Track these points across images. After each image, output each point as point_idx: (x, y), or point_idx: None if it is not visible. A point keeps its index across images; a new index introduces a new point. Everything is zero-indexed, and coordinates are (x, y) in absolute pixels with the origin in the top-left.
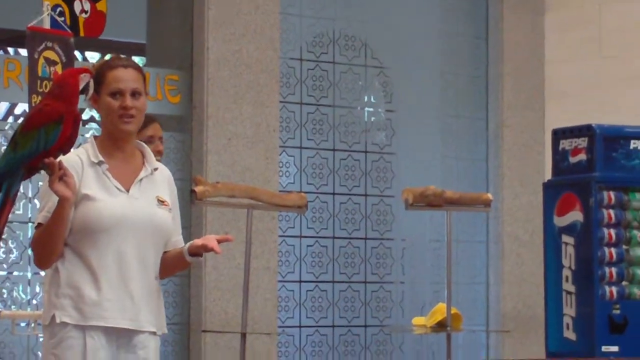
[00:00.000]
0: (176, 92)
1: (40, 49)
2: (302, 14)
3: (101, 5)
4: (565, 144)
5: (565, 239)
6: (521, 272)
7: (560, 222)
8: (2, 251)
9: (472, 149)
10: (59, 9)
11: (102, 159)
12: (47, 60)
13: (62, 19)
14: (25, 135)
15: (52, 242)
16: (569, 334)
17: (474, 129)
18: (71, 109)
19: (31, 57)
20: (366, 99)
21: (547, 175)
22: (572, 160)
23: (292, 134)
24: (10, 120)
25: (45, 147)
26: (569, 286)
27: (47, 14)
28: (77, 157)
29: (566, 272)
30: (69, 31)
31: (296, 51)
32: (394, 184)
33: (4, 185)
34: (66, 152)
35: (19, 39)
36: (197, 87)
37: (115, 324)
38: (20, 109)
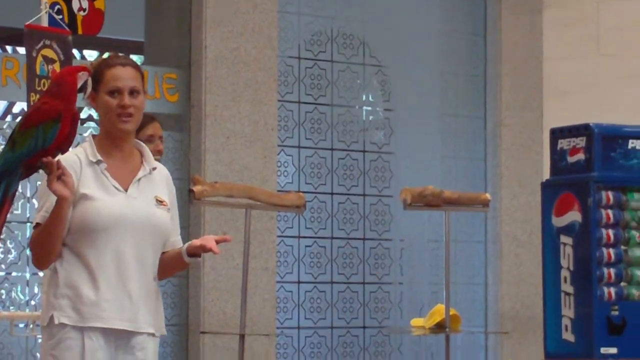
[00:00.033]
0: (174, 91)
1: (38, 47)
2: (300, 12)
3: (99, 3)
4: (563, 144)
5: (563, 239)
6: (519, 272)
7: (558, 222)
8: (0, 251)
9: (471, 149)
10: (57, 6)
11: (100, 158)
12: (45, 58)
13: (60, 16)
14: (23, 133)
15: (50, 242)
16: (568, 336)
17: (472, 128)
18: (69, 107)
19: (29, 55)
20: (364, 97)
21: (546, 175)
22: (570, 159)
23: (290, 133)
24: (8, 118)
25: (43, 146)
26: (567, 287)
27: (45, 12)
28: (75, 157)
29: (564, 273)
30: (67, 29)
31: (294, 49)
32: (393, 184)
33: (3, 184)
34: (65, 150)
35: (17, 37)
36: (195, 85)
37: (113, 325)
38: (18, 107)
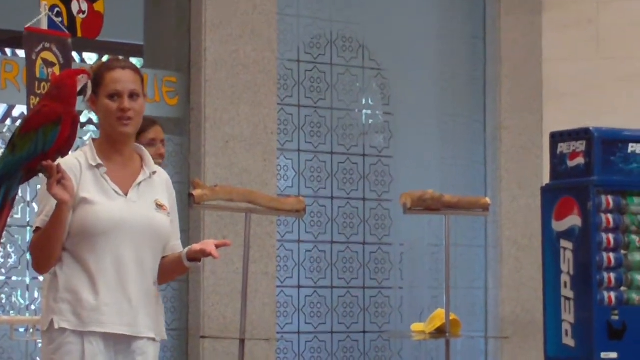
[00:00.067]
0: (174, 94)
1: (37, 50)
2: (299, 15)
3: (99, 6)
4: (563, 148)
5: (563, 243)
6: (520, 276)
7: (558, 226)
8: (0, 256)
9: (470, 152)
10: (57, 9)
11: (100, 162)
12: (44, 61)
13: (60, 19)
14: (23, 137)
15: (50, 246)
16: (568, 340)
17: (471, 131)
18: (69, 110)
19: (29, 58)
20: (364, 101)
21: (546, 177)
22: (570, 163)
23: (290, 136)
24: (8, 122)
25: (43, 149)
26: (567, 292)
27: (45, 15)
28: (75, 160)
29: (565, 278)
30: (67, 32)
31: (294, 52)
32: (392, 188)
33: (3, 188)
34: (65, 154)
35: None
36: (195, 88)
37: (113, 329)
38: (18, 110)
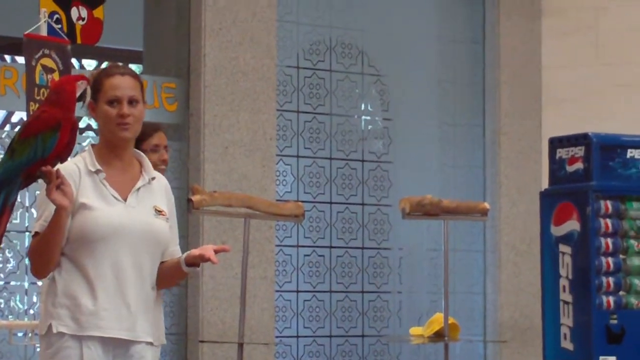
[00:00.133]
0: (173, 100)
1: (37, 56)
2: (298, 22)
3: (98, 12)
4: (562, 153)
5: (562, 248)
6: (518, 281)
7: (557, 231)
8: None
9: (469, 157)
10: (56, 16)
11: (99, 167)
12: (44, 67)
13: (59, 26)
14: (22, 142)
15: (48, 251)
16: (567, 344)
17: (470, 136)
18: (68, 116)
19: (28, 65)
20: (363, 107)
21: (544, 182)
22: (569, 169)
23: (289, 142)
24: (7, 128)
25: (42, 155)
26: (566, 296)
27: (44, 21)
28: (74, 166)
29: (563, 282)
30: (66, 38)
31: (293, 59)
32: (391, 193)
33: (2, 193)
34: (64, 159)
35: (15, 46)
36: (194, 94)
37: (111, 334)
38: (17, 116)
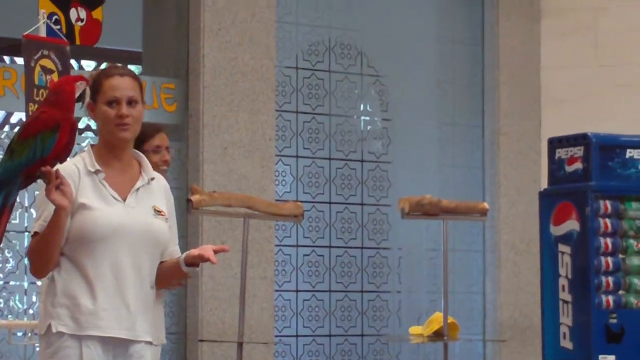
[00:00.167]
0: (172, 101)
1: (36, 57)
2: (297, 23)
3: (97, 13)
4: (561, 153)
5: (561, 248)
6: (518, 281)
7: (556, 231)
8: None
9: (468, 157)
10: (55, 17)
11: (99, 167)
12: (43, 68)
13: (58, 27)
14: (21, 143)
15: (48, 251)
16: (566, 343)
17: (470, 137)
18: (67, 117)
19: (27, 65)
20: (362, 107)
21: (543, 183)
22: (568, 169)
23: (288, 142)
24: (6, 128)
25: (42, 155)
26: (565, 295)
27: (43, 22)
28: (73, 166)
29: (563, 281)
30: (65, 39)
31: (292, 59)
32: (391, 193)
33: (2, 193)
34: (63, 160)
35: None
36: (193, 95)
37: (111, 333)
38: (16, 117)
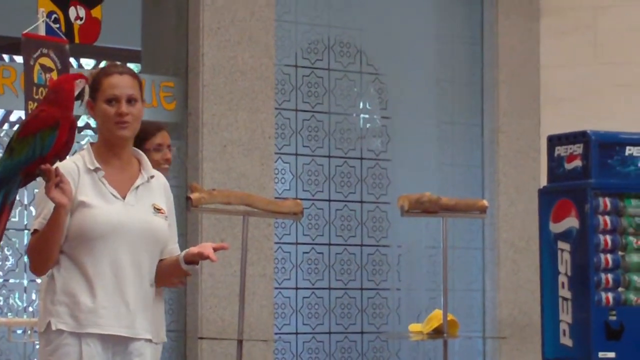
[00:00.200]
0: (171, 99)
1: (35, 56)
2: (297, 21)
3: (96, 12)
4: (560, 151)
5: (561, 245)
6: (517, 278)
7: (556, 228)
8: None
9: (468, 156)
10: (54, 15)
11: (98, 165)
12: (42, 67)
13: (57, 25)
14: (21, 141)
15: (47, 249)
16: (566, 340)
17: (469, 135)
18: (67, 115)
19: (27, 64)
20: (361, 105)
21: (543, 181)
22: (568, 166)
23: (287, 140)
24: (5, 127)
25: (41, 153)
26: (565, 292)
27: (43, 21)
28: (73, 164)
29: (562, 279)
30: (64, 38)
31: (291, 58)
32: (390, 191)
33: (1, 192)
34: (63, 158)
35: (14, 46)
36: (193, 93)
37: (110, 331)
38: (15, 115)
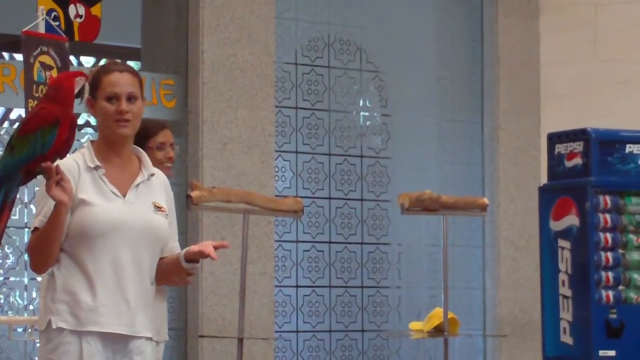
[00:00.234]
0: (171, 97)
1: (35, 54)
2: (297, 19)
3: (96, 9)
4: (560, 148)
5: (561, 243)
6: (517, 276)
7: (556, 226)
8: None
9: (468, 153)
10: (54, 13)
11: (98, 163)
12: (42, 64)
13: (57, 23)
14: (21, 139)
15: (48, 247)
16: (566, 339)
17: (469, 133)
18: (67, 112)
19: (27, 62)
20: (362, 103)
21: (543, 179)
22: (568, 164)
23: (287, 138)
24: (5, 125)
25: (42, 151)
26: (565, 290)
27: (42, 19)
28: (73, 162)
29: (562, 277)
30: (64, 36)
31: (291, 55)
32: (390, 189)
33: (2, 190)
34: (63, 156)
35: (14, 44)
36: (193, 91)
37: (111, 329)
38: (15, 113)
